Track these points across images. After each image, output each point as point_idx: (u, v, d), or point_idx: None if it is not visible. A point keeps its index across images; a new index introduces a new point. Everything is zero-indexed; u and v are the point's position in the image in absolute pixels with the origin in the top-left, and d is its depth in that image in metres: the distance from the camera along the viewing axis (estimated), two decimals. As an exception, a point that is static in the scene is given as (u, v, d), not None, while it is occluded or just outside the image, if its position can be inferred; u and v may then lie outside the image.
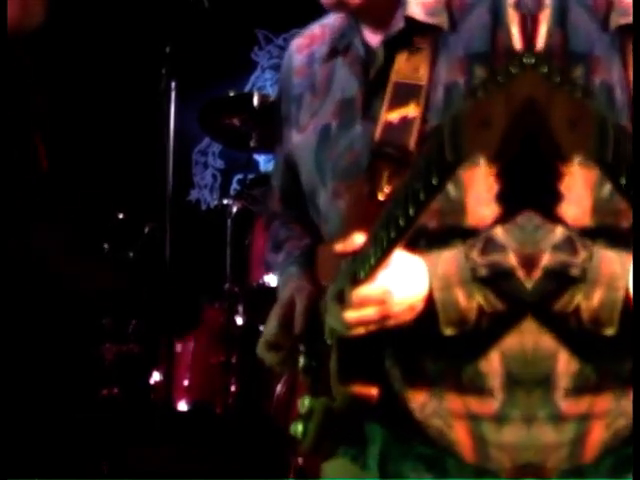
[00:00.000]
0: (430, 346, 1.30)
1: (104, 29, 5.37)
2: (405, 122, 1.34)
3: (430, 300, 1.26)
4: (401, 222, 1.11)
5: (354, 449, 1.44)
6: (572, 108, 0.91)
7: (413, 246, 1.26)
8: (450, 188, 1.26)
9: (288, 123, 1.62)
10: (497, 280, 1.25)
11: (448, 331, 1.26)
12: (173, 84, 3.93)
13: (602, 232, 1.26)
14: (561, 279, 1.24)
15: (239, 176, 5.81)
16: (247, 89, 5.86)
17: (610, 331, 1.25)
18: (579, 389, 1.27)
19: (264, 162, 5.94)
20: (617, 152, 0.95)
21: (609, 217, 1.26)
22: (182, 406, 3.92)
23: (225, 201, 4.12)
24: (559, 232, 1.24)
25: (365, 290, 1.23)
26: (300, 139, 1.56)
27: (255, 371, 4.28)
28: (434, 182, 1.02)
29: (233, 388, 3.85)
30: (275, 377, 4.07)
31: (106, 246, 4.34)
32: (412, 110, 1.34)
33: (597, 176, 1.24)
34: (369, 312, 1.24)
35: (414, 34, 1.39)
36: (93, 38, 5.31)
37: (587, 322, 1.25)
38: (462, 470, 1.32)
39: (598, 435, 1.30)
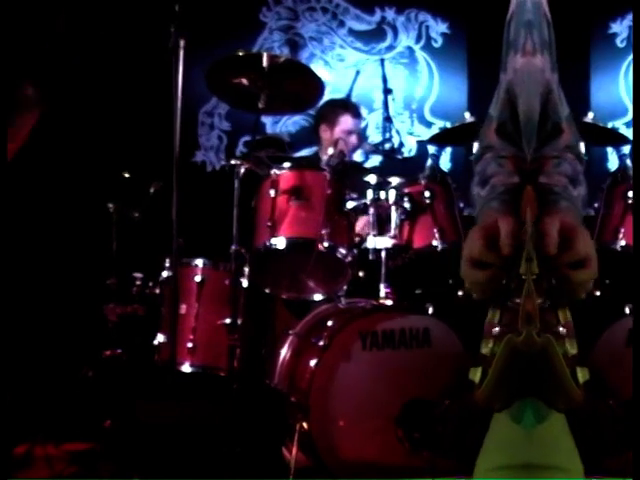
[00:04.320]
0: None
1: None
2: None
3: None
4: None
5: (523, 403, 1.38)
6: None
7: None
8: None
9: (514, 49, 1.55)
10: None
11: None
12: (182, 43, 3.87)
13: None
14: None
15: (245, 138, 5.77)
16: (254, 50, 5.79)
17: None
18: None
19: (271, 124, 5.90)
20: None
21: None
22: (186, 368, 3.90)
23: (232, 162, 4.07)
24: None
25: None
26: (525, 61, 1.51)
27: (260, 334, 4.27)
28: None
29: (237, 351, 3.82)
30: (280, 341, 4.05)
31: (111, 205, 4.31)
32: None
33: None
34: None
35: None
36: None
37: None
38: None
39: None
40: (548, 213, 1.39)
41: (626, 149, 4.08)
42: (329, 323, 3.70)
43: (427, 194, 3.84)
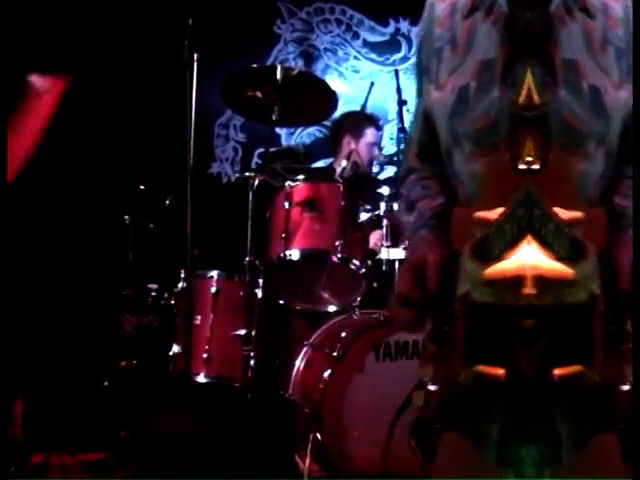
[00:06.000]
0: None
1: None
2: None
3: None
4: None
5: (473, 426, 1.41)
6: None
7: None
8: None
9: (428, 76, 1.57)
10: None
11: None
12: (195, 56, 3.90)
13: None
14: None
15: (260, 150, 5.80)
16: (269, 62, 5.83)
17: None
18: None
19: (286, 136, 5.93)
20: None
21: None
22: (201, 378, 3.92)
23: (247, 174, 4.10)
24: None
25: (500, 267, 1.24)
26: (438, 96, 1.51)
27: (274, 345, 4.29)
28: None
29: (252, 362, 3.84)
30: (294, 352, 4.07)
31: (127, 217, 4.34)
32: None
33: None
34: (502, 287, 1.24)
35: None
36: (115, 8, 5.29)
37: None
38: None
39: None
40: (619, 244, 1.42)
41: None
42: (343, 334, 3.72)
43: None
